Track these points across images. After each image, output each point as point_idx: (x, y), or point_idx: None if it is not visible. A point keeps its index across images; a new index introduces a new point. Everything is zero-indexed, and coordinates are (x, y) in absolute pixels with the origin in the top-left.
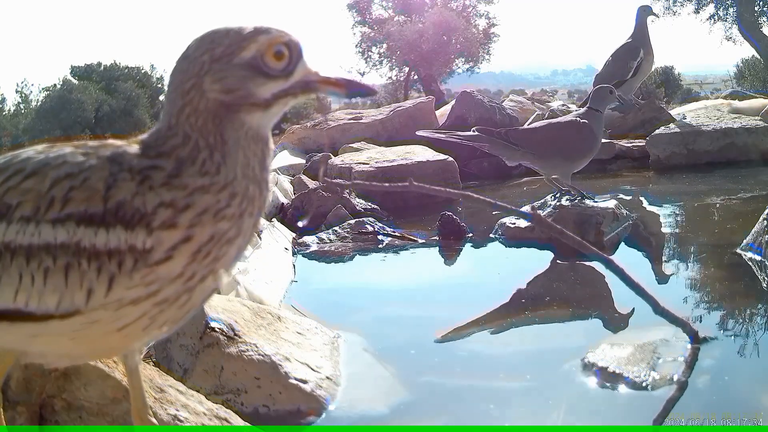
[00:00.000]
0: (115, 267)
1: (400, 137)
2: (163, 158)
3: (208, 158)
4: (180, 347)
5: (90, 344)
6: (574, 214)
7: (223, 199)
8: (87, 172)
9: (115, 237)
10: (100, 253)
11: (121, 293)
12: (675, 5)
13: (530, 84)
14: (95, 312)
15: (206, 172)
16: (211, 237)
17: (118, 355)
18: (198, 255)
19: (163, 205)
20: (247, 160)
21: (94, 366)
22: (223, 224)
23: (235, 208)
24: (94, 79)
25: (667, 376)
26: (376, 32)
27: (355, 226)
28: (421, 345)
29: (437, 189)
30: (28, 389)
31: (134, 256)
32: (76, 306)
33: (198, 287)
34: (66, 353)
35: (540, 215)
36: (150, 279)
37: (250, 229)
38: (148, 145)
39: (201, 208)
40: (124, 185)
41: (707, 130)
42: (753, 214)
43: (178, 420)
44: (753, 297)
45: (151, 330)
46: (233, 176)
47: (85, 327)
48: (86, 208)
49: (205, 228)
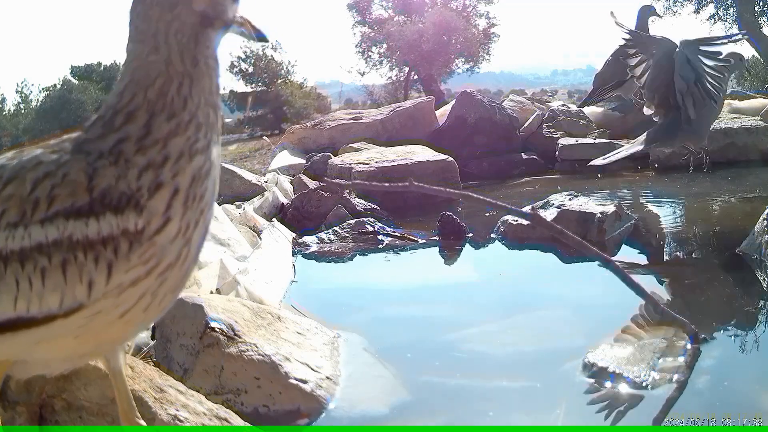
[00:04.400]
0: (111, 253)
1: (400, 137)
2: (132, 120)
3: (176, 94)
4: (180, 347)
5: (94, 338)
6: (576, 213)
7: (192, 134)
8: (64, 168)
9: (107, 224)
10: (95, 243)
11: (121, 277)
12: (675, 5)
13: (530, 84)
14: (98, 303)
15: (173, 114)
16: (192, 178)
17: (120, 346)
18: (188, 202)
19: (144, 170)
20: (209, 85)
21: (94, 366)
22: (198, 159)
23: (203, 139)
24: (94, 79)
25: (667, 376)
26: (376, 32)
27: (355, 226)
28: (421, 345)
29: (437, 189)
30: (28, 389)
31: (128, 239)
32: (79, 300)
33: (194, 235)
34: (70, 354)
35: (539, 215)
36: (149, 254)
37: (218, 159)
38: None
39: (177, 154)
40: (106, 171)
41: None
42: (753, 214)
43: (178, 420)
44: (753, 297)
45: (152, 309)
46: (197, 105)
47: (89, 320)
48: (73, 202)
49: (186, 172)
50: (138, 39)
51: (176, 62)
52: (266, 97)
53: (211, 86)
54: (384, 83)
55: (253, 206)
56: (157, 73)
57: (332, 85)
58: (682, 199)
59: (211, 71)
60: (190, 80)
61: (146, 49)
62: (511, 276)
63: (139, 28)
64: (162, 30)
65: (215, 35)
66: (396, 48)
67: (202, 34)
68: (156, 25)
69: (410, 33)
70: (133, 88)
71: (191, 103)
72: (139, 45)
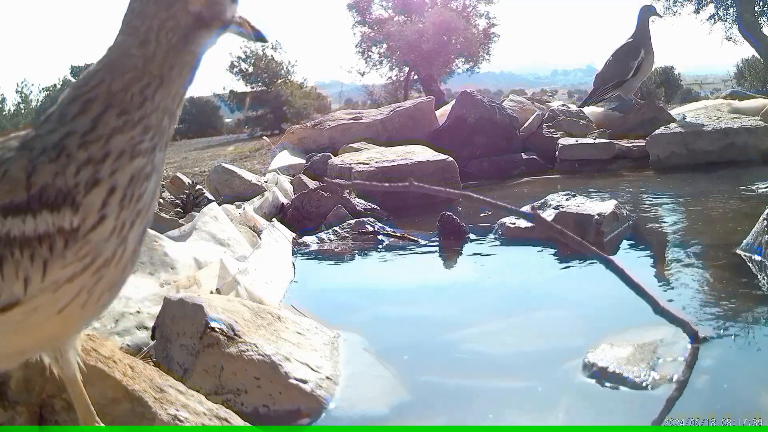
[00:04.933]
0: (47, 251)
1: (400, 137)
2: (85, 112)
3: (138, 93)
4: (180, 347)
5: (33, 334)
6: (574, 214)
7: (137, 134)
8: (6, 165)
9: (43, 222)
10: (31, 240)
11: (57, 274)
12: (675, 5)
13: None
14: (35, 299)
15: (126, 111)
16: (131, 178)
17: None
18: (124, 201)
19: (84, 166)
20: (174, 92)
21: (93, 366)
22: (139, 161)
23: (148, 142)
24: None
25: (667, 376)
26: (376, 32)
27: (355, 226)
28: (421, 345)
29: (437, 189)
30: (28, 389)
31: (64, 236)
32: (16, 296)
33: (130, 235)
34: (10, 350)
35: (540, 216)
36: (84, 251)
37: (162, 164)
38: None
39: (118, 152)
40: (44, 168)
41: (707, 130)
42: (753, 214)
43: (178, 420)
44: (753, 297)
45: (89, 306)
46: (153, 109)
47: (27, 316)
48: (11, 199)
49: (125, 171)
50: (128, 32)
51: (157, 61)
52: (266, 97)
53: (175, 94)
54: (384, 83)
55: (253, 206)
56: (131, 67)
57: (332, 85)
58: (681, 199)
59: (182, 80)
60: (160, 83)
61: (133, 43)
62: (511, 276)
63: (131, 23)
64: (155, 27)
65: (209, 36)
66: (396, 48)
67: (192, 35)
68: (150, 21)
69: (410, 33)
70: (102, 75)
71: (149, 105)
72: (128, 38)
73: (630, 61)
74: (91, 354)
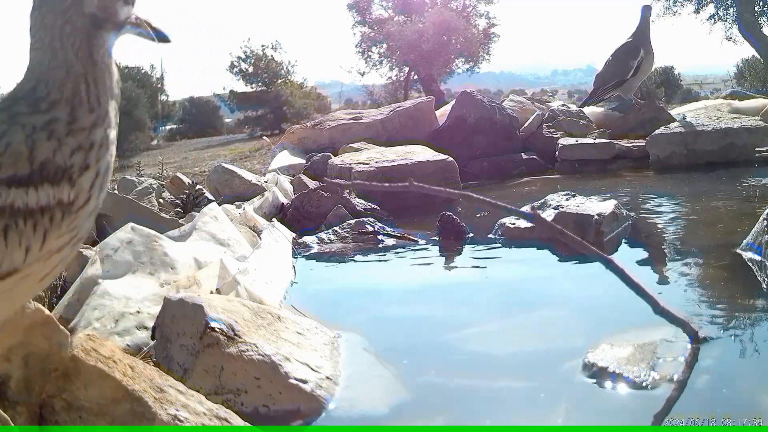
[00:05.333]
0: (47, 221)
1: (400, 137)
2: (56, 108)
3: (86, 93)
4: (180, 347)
5: (16, 301)
6: (574, 214)
7: (107, 127)
8: (6, 138)
9: (45, 194)
10: (33, 211)
11: (52, 244)
12: (675, 5)
13: (530, 84)
14: (30, 267)
15: (92, 108)
16: (108, 166)
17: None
18: (102, 186)
19: (76, 151)
20: (111, 80)
21: (93, 366)
22: (112, 149)
23: (113, 132)
24: None
25: (667, 376)
26: (376, 32)
27: (355, 226)
28: (421, 345)
29: (437, 189)
30: (28, 389)
31: (61, 209)
32: (15, 265)
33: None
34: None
35: (540, 215)
36: (74, 224)
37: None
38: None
39: (99, 143)
40: (44, 145)
41: (707, 130)
42: (753, 214)
43: (178, 420)
44: (753, 297)
45: (50, 277)
46: (107, 101)
47: (17, 284)
48: (15, 172)
49: (104, 159)
50: (37, 47)
51: (76, 65)
52: (266, 97)
53: (111, 82)
54: (384, 83)
55: (253, 206)
56: (63, 76)
57: (332, 85)
58: (681, 199)
59: (110, 68)
60: (94, 79)
61: (46, 58)
62: (511, 276)
63: (36, 35)
64: (57, 35)
65: (108, 36)
66: (396, 48)
67: (94, 36)
68: (51, 31)
69: (410, 33)
70: (46, 88)
71: (104, 100)
72: (39, 53)
73: (630, 61)
74: (91, 354)
